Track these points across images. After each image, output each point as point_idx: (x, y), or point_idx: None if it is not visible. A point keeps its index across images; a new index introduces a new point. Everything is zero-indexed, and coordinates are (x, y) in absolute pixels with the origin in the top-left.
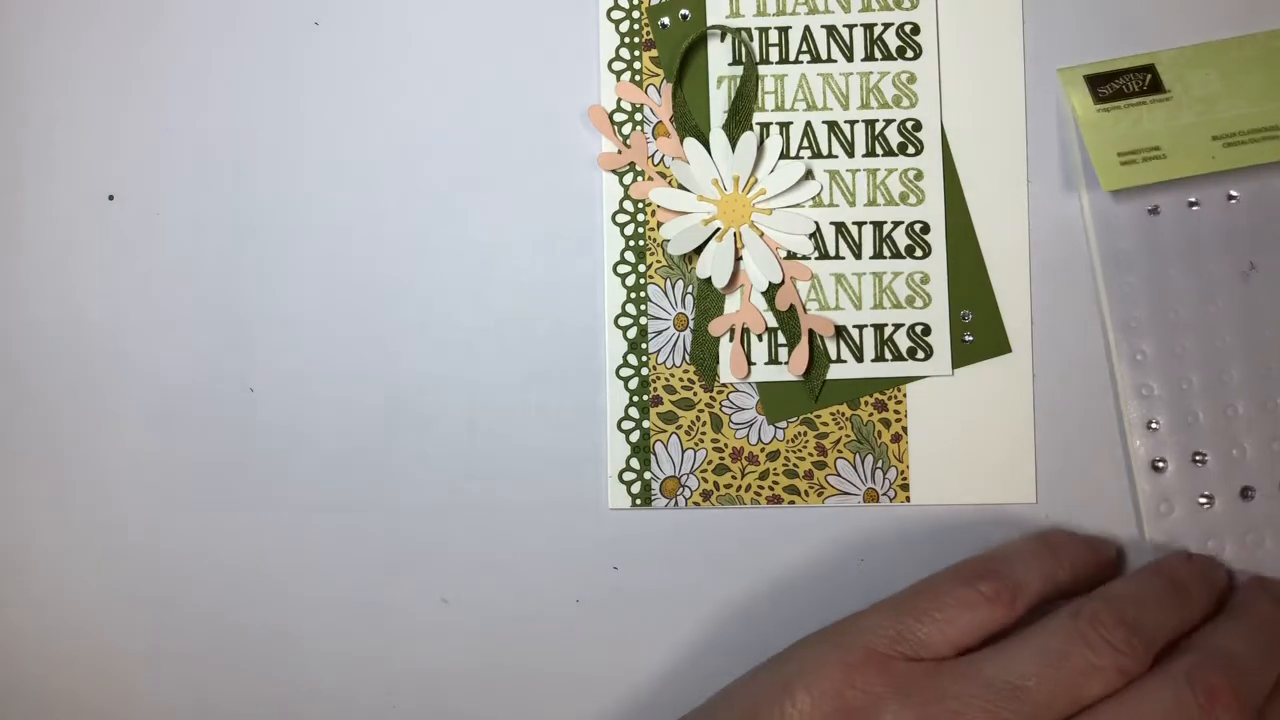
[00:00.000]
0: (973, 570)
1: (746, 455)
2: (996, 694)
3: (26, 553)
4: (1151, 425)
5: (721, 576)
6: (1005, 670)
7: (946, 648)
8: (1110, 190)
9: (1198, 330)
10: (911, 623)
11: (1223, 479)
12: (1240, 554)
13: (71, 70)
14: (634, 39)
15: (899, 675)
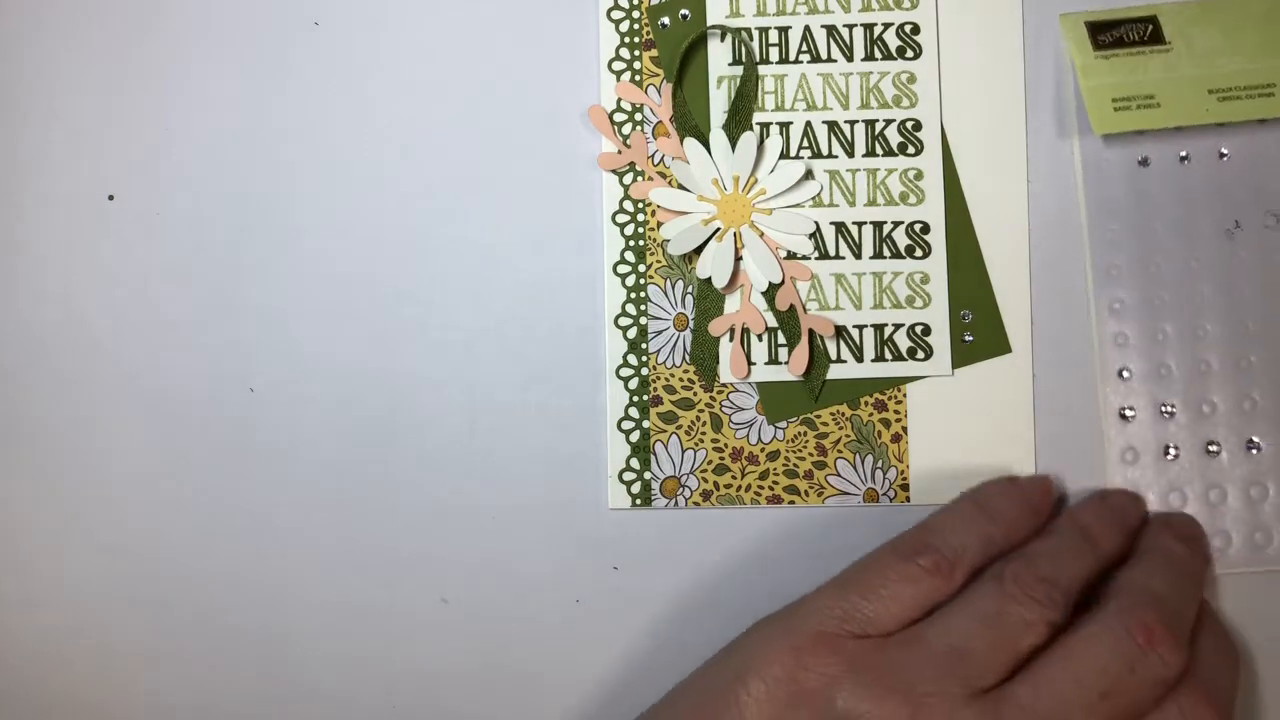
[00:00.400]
0: (911, 545)
1: (746, 455)
2: (942, 660)
3: (26, 553)
4: (1123, 373)
5: (721, 577)
6: (948, 637)
7: (892, 622)
8: (1101, 134)
9: (1177, 283)
10: (857, 600)
11: (1190, 432)
12: (1203, 510)
13: (71, 70)
14: (634, 39)
15: (850, 654)
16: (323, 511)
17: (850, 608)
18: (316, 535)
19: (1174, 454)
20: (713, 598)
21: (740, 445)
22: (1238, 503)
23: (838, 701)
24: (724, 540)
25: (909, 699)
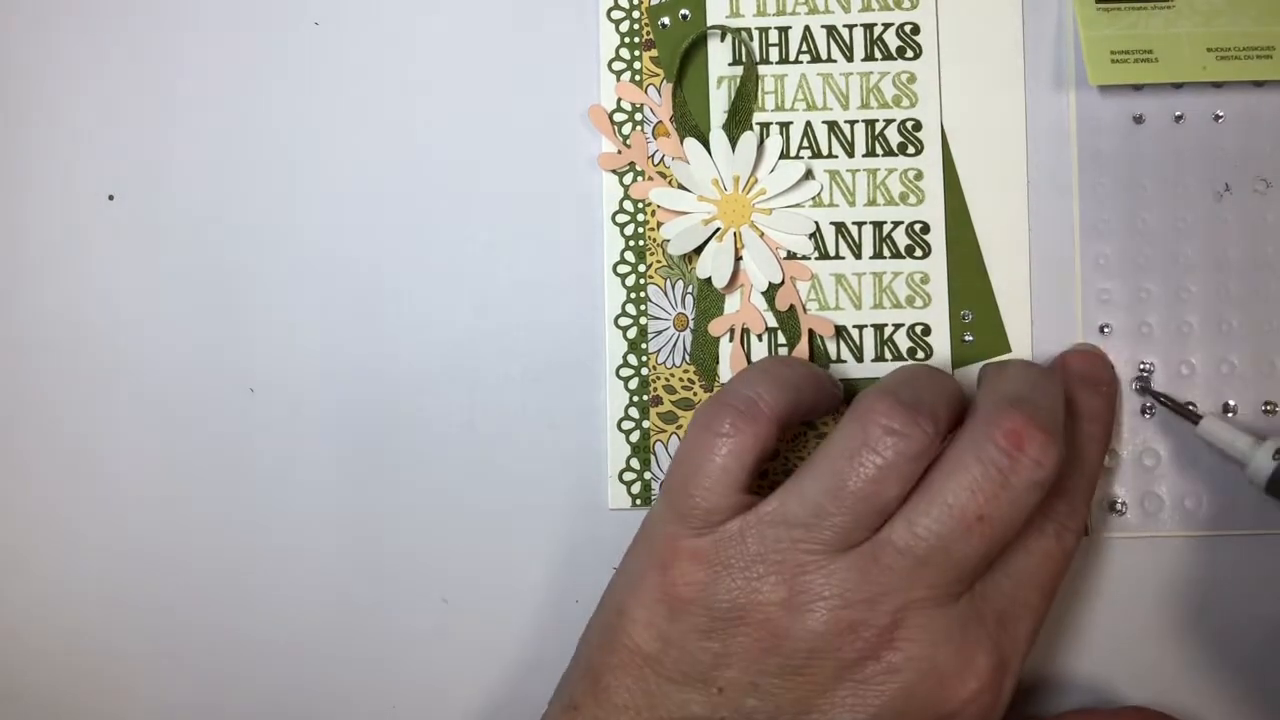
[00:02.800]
0: (707, 413)
1: None
2: (802, 529)
3: (26, 553)
4: (1104, 329)
5: None
6: (802, 502)
7: (731, 497)
8: (1097, 84)
9: (1163, 242)
10: (683, 499)
11: (1168, 392)
12: (1175, 470)
13: (71, 70)
14: (634, 39)
15: (704, 553)
16: (323, 511)
17: (679, 506)
18: (316, 535)
19: (1149, 414)
20: None
21: None
22: (1211, 463)
23: (713, 603)
24: None
25: (782, 574)
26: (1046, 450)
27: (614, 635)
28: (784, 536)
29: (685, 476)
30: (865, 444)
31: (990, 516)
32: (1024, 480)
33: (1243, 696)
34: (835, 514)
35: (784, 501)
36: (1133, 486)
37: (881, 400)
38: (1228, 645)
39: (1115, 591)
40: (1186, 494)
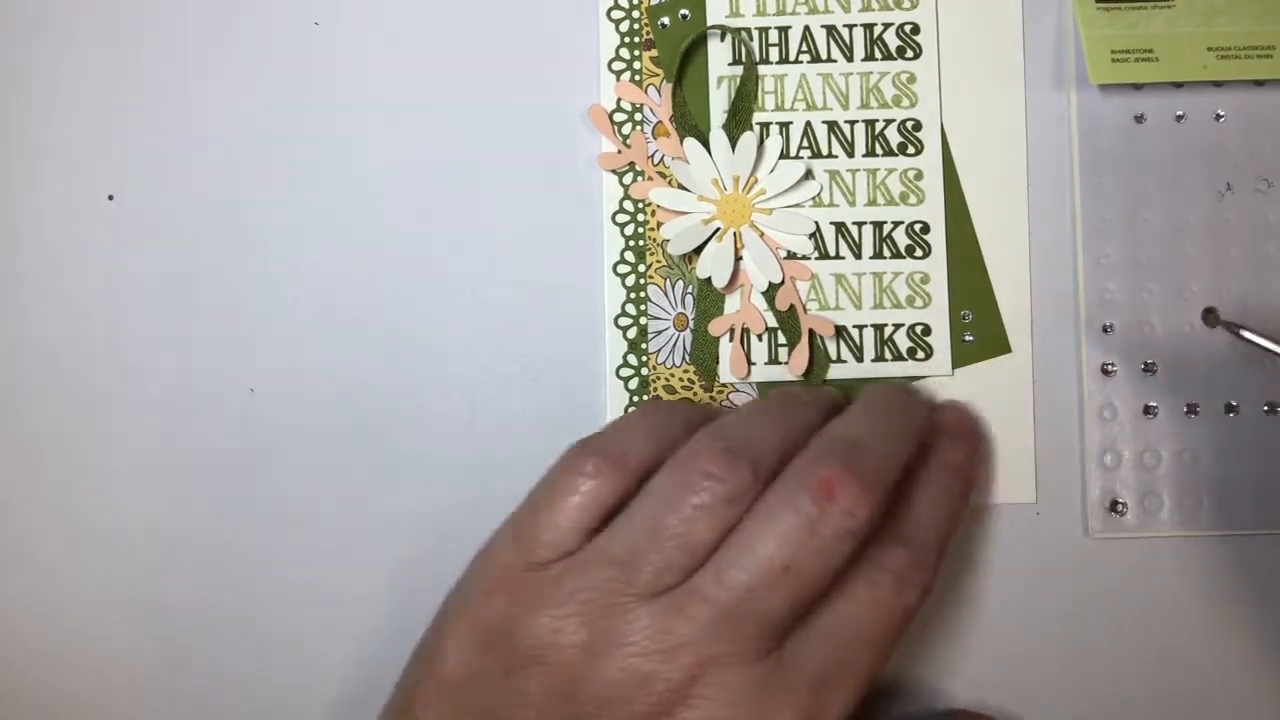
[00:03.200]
0: (575, 454)
1: None
2: (617, 568)
3: (26, 553)
4: (1106, 328)
5: None
6: (619, 542)
7: (574, 539)
8: (1097, 84)
9: (1165, 242)
10: (528, 528)
11: (1169, 392)
12: (1176, 470)
13: (71, 70)
14: (634, 39)
15: (525, 587)
16: (323, 511)
17: (525, 536)
18: (316, 535)
19: (1151, 414)
20: None
21: None
22: (1210, 461)
23: (517, 639)
24: None
25: (586, 617)
26: (859, 501)
27: (430, 659)
28: (597, 576)
29: (536, 508)
30: (683, 485)
31: (797, 567)
32: (833, 530)
33: (1245, 696)
34: (648, 554)
35: (604, 541)
36: (1133, 486)
37: (704, 442)
38: (1228, 645)
39: (1115, 591)
40: (1186, 494)
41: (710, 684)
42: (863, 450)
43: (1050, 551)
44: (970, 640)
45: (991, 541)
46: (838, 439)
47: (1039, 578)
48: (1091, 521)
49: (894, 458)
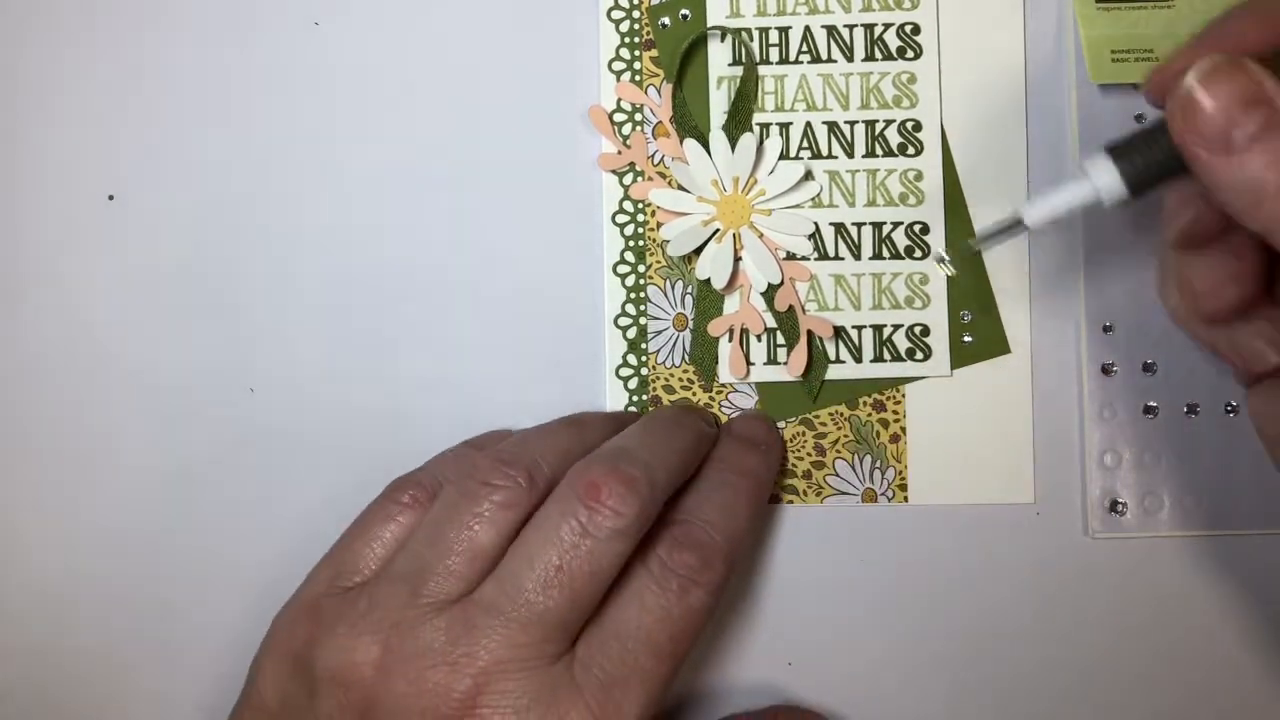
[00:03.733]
0: (392, 486)
1: None
2: (407, 583)
3: (26, 553)
4: (1107, 328)
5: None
6: (408, 559)
7: (378, 565)
8: (1097, 84)
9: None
10: (342, 556)
11: (1169, 392)
12: (1176, 470)
13: (71, 70)
14: (634, 39)
15: (325, 612)
16: (323, 511)
17: (338, 564)
18: (317, 535)
19: (1151, 413)
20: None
21: None
22: (1212, 460)
23: (317, 662)
24: None
25: (378, 634)
26: (625, 500)
27: (249, 686)
28: (389, 593)
29: (349, 539)
30: (463, 496)
31: (571, 568)
32: (603, 530)
33: (1244, 696)
34: (434, 566)
35: (395, 561)
36: (1133, 486)
37: (484, 458)
38: (1228, 645)
39: (1114, 590)
40: (1186, 494)
41: (496, 691)
42: (630, 456)
43: (1050, 551)
44: (969, 639)
45: (991, 541)
46: (608, 449)
47: (1039, 577)
48: (1092, 521)
49: (663, 463)
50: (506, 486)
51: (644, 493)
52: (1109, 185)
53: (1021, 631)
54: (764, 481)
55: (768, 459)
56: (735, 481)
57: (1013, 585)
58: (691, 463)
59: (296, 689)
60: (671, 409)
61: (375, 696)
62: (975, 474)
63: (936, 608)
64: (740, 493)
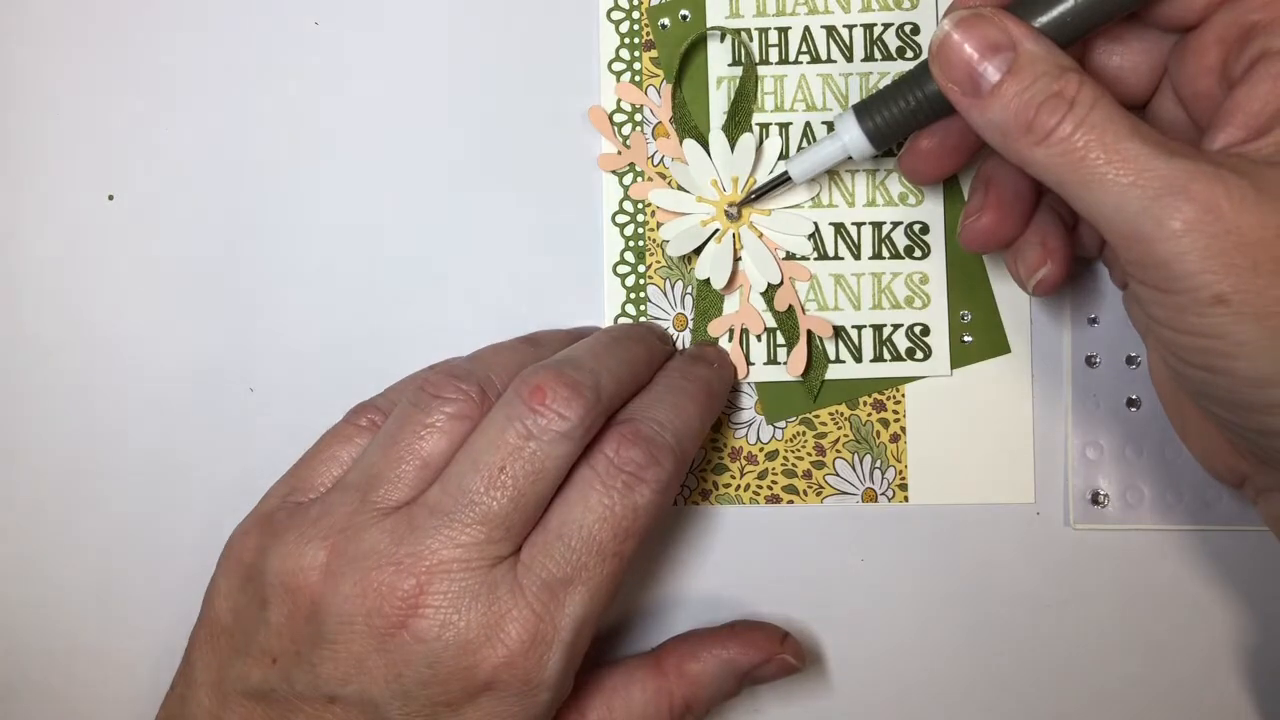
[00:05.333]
0: (351, 411)
1: (745, 455)
2: (354, 492)
3: (26, 553)
4: (1092, 320)
5: (719, 576)
6: (360, 469)
7: (331, 482)
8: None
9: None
10: (298, 475)
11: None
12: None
13: (71, 70)
14: (634, 39)
15: (277, 523)
16: None
17: (293, 482)
18: None
19: (1133, 407)
20: (710, 597)
21: (739, 445)
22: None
23: (267, 571)
24: (722, 539)
25: (326, 539)
26: (570, 404)
27: (204, 608)
28: (339, 501)
29: (307, 458)
30: (415, 408)
31: (513, 470)
32: (547, 433)
33: (1218, 687)
34: (383, 474)
35: (348, 473)
36: (1115, 479)
37: (435, 372)
38: (1206, 638)
39: (1094, 582)
40: (1168, 488)
41: (439, 591)
42: (577, 363)
43: (1049, 551)
44: (969, 639)
45: (990, 542)
46: (557, 357)
47: (1039, 577)
48: (1073, 512)
49: (611, 371)
50: (458, 399)
51: (588, 397)
52: (854, 140)
53: (1021, 630)
54: (715, 390)
55: (720, 373)
56: (685, 386)
57: (1013, 585)
58: (642, 374)
59: (248, 601)
60: (627, 324)
61: (321, 599)
62: (975, 474)
63: (937, 607)
64: (691, 396)
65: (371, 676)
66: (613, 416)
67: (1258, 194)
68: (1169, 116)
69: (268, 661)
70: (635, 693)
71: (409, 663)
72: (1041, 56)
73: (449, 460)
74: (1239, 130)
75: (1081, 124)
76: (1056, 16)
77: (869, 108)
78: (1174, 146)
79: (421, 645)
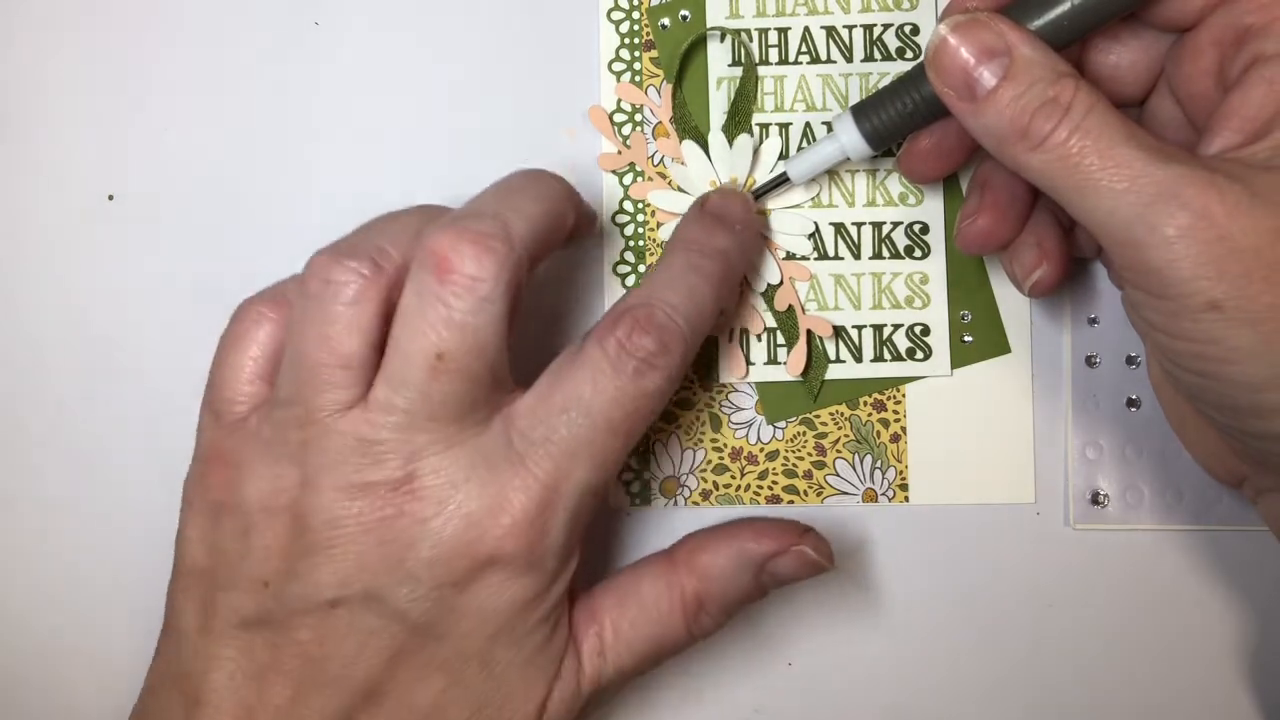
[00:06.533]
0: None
1: (746, 455)
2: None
3: (27, 553)
4: (1092, 320)
5: None
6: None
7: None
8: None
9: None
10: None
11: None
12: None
13: (71, 70)
14: (634, 40)
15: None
16: None
17: (215, 405)
18: None
19: (1135, 408)
20: None
21: (739, 445)
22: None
23: (243, 500)
24: None
25: (292, 456)
26: (480, 262)
27: (176, 560)
28: (283, 418)
29: (216, 373)
30: (311, 303)
31: (449, 351)
32: (468, 303)
33: (1218, 687)
34: (312, 384)
35: (277, 385)
36: (1115, 479)
37: (318, 256)
38: (1206, 638)
39: (1094, 582)
40: (1168, 488)
41: (426, 472)
42: (475, 214)
43: (1049, 551)
44: (969, 639)
45: (990, 542)
46: (454, 213)
47: (1039, 577)
48: (1073, 512)
49: (520, 211)
50: (350, 281)
51: (499, 249)
52: (852, 142)
53: (1021, 630)
54: (734, 264)
55: (740, 239)
56: (703, 265)
57: (1012, 585)
58: (556, 212)
59: (227, 534)
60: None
61: (306, 513)
62: (976, 474)
63: (937, 608)
64: (707, 276)
65: (373, 571)
66: (625, 297)
67: (1251, 199)
68: (1165, 115)
69: (259, 587)
70: (645, 586)
71: (411, 545)
72: (1037, 61)
73: (370, 346)
74: (1234, 134)
75: (1076, 129)
76: (1053, 19)
77: (866, 109)
78: (1169, 152)
79: (421, 526)
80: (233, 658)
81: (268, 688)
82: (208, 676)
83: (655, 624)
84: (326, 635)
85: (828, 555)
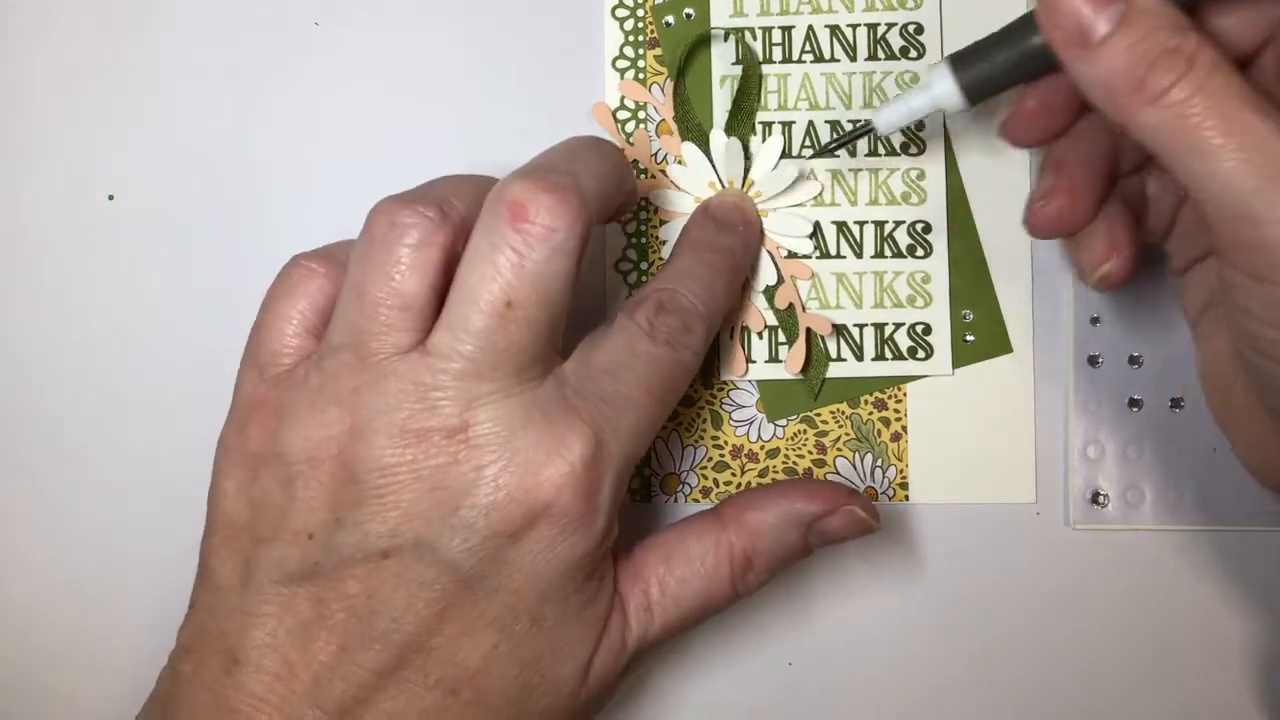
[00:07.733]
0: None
1: (746, 453)
2: (349, 351)
3: (27, 553)
4: (1094, 320)
5: None
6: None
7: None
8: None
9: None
10: (260, 349)
11: (1155, 385)
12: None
13: (71, 70)
14: (638, 37)
15: (274, 403)
16: None
17: (259, 358)
18: None
19: (1136, 407)
20: None
21: (740, 443)
22: (1196, 456)
23: (286, 450)
24: None
25: (343, 403)
26: (556, 212)
27: (210, 515)
28: (334, 364)
29: (260, 328)
30: (374, 246)
31: (518, 299)
32: (541, 252)
33: (1219, 688)
34: (369, 327)
35: (329, 332)
36: (1115, 479)
37: (383, 201)
38: (1207, 638)
39: (1094, 582)
40: (1168, 488)
41: (484, 421)
42: (550, 169)
43: (1049, 551)
44: (969, 639)
45: (990, 541)
46: (524, 167)
47: (1039, 577)
48: (1073, 512)
49: (590, 169)
50: (416, 224)
51: (573, 201)
52: (947, 93)
53: (1021, 630)
54: (740, 262)
55: (745, 238)
56: (713, 260)
57: (1012, 585)
58: (618, 178)
59: (267, 488)
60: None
61: (356, 459)
62: (976, 473)
63: (937, 607)
64: (718, 271)
65: (427, 519)
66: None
67: None
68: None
69: (304, 539)
70: (692, 545)
71: (465, 493)
72: (1156, 10)
73: (431, 293)
74: None
75: (1201, 89)
76: None
77: (966, 59)
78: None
79: (476, 473)
80: (274, 614)
81: (311, 643)
82: (247, 634)
83: (703, 580)
84: (376, 587)
85: (875, 515)
